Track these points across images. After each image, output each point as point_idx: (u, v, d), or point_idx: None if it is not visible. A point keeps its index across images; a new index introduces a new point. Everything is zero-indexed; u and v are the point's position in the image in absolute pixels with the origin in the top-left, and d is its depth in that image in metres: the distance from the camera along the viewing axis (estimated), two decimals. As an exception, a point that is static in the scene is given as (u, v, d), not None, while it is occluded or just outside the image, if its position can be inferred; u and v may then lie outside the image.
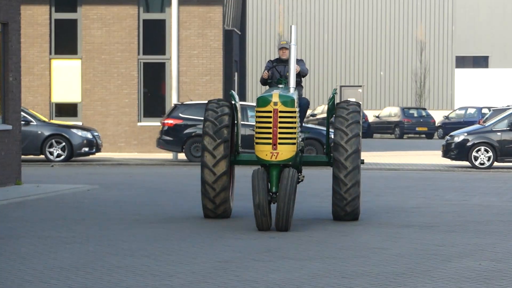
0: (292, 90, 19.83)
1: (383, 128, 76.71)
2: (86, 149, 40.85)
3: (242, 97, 52.10)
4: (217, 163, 19.84)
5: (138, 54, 47.01)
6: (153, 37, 47.83)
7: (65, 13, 47.57)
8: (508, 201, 27.44)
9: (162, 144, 40.07)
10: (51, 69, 47.09)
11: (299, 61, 20.90)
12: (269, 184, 18.96)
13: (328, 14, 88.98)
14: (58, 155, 40.41)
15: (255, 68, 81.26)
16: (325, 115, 28.92)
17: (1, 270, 15.06)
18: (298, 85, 20.85)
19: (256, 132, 19.12)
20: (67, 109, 47.71)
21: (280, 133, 18.77)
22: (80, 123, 44.59)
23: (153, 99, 47.55)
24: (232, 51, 51.20)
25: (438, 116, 77.47)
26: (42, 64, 46.78)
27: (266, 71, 20.98)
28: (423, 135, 75.07)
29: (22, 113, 34.81)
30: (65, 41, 47.71)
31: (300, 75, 20.92)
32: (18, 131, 29.85)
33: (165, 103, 45.59)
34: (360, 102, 21.77)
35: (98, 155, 42.43)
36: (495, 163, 39.96)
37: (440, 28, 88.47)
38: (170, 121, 39.23)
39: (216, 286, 14.07)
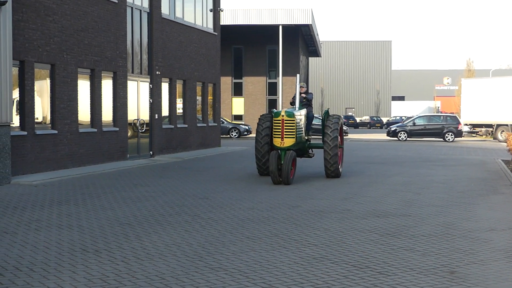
0: (297, 108, 16.23)
1: (363, 124, 74.83)
2: (246, 133, 40.68)
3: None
4: (262, 147, 16.09)
5: (266, 95, 45.85)
6: (272, 89, 45.91)
7: (237, 79, 46.22)
8: (412, 153, 26.95)
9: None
10: (244, 103, 45.89)
11: (309, 93, 17.25)
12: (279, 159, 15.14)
13: (339, 73, 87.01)
14: (235, 135, 40.25)
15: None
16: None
17: (209, 179, 15.14)
18: (309, 105, 17.14)
19: (274, 131, 15.45)
20: (238, 117, 46.55)
21: (285, 131, 15.13)
22: (243, 123, 44.26)
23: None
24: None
25: (385, 120, 76.45)
26: (227, 100, 45.64)
27: (292, 99, 17.06)
28: (379, 127, 72.88)
29: (221, 118, 36.35)
30: (237, 90, 46.27)
31: (309, 100, 17.19)
32: (219, 125, 29.12)
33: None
34: (341, 115, 14.75)
35: (250, 135, 41.03)
36: (408, 139, 39.32)
37: (385, 84, 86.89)
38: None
39: (275, 193, 13.08)
